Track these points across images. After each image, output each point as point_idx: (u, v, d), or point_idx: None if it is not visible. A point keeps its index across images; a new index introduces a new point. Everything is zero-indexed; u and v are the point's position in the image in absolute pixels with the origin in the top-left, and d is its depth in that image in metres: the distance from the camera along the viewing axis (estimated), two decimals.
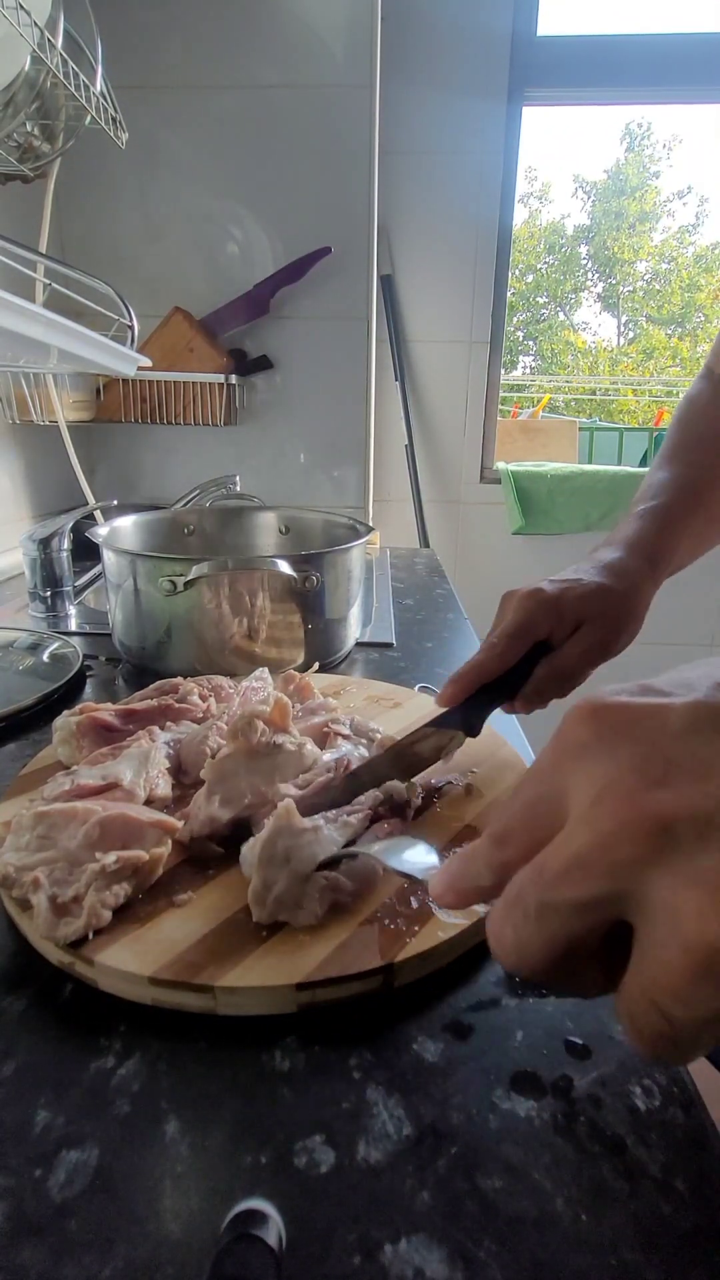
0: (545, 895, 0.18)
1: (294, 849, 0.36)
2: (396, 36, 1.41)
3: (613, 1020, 0.32)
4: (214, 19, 1.23)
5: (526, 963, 0.19)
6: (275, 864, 0.35)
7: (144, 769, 0.44)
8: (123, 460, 1.46)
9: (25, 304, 0.63)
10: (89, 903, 0.34)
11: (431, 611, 0.98)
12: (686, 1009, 0.16)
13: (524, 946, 0.19)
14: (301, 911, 0.35)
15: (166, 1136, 0.27)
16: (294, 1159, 0.26)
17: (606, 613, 0.50)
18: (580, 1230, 0.24)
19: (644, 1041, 0.17)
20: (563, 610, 0.49)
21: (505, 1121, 0.27)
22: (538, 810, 0.20)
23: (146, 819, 0.38)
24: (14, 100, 0.76)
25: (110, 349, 0.87)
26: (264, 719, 0.44)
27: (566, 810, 0.19)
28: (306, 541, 0.90)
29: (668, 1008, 0.16)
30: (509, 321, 1.77)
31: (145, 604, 0.69)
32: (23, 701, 0.61)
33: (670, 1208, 0.24)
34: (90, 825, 0.37)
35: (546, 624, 0.49)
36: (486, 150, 1.56)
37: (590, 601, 0.49)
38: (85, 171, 1.26)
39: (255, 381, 1.42)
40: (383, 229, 1.56)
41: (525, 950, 0.19)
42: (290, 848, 0.36)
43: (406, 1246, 0.23)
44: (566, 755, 0.19)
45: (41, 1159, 0.26)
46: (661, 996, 0.16)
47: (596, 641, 0.49)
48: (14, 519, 1.22)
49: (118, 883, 0.35)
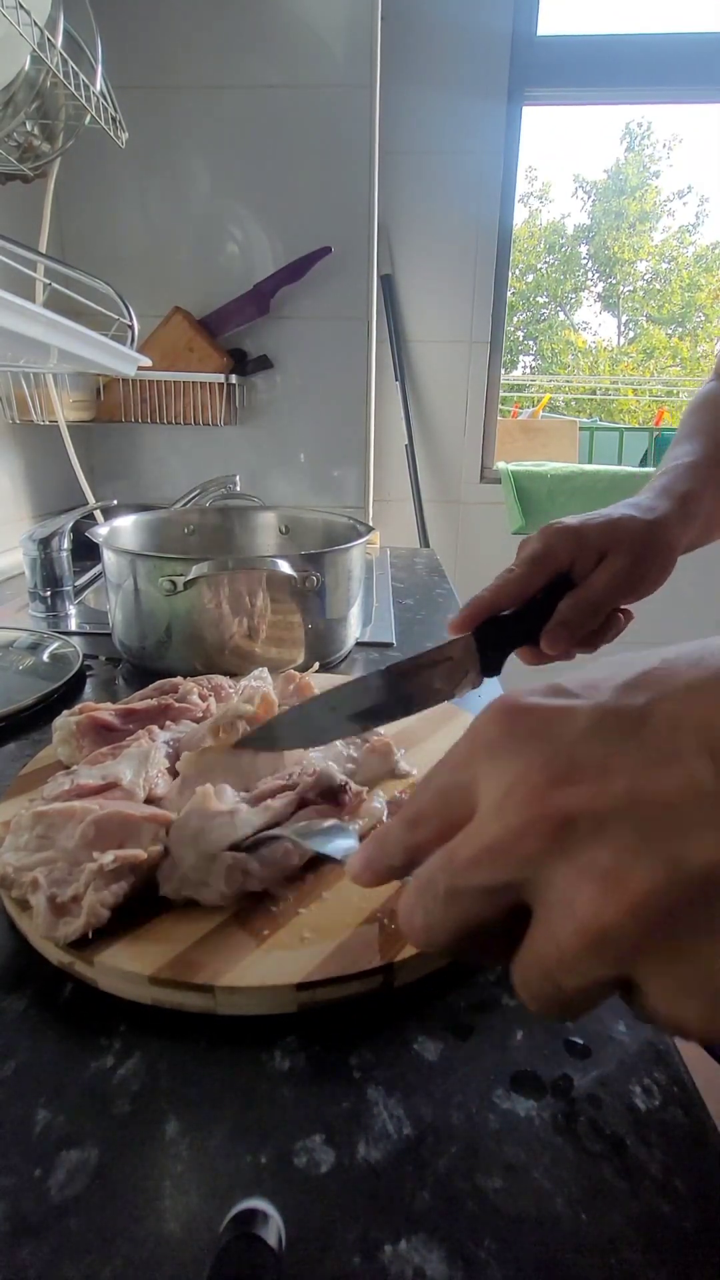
0: (455, 881, 0.20)
1: (204, 829, 0.37)
2: (397, 36, 1.41)
3: (612, 1020, 0.32)
4: (214, 19, 1.23)
5: (435, 941, 0.21)
6: (184, 842, 0.36)
7: (144, 768, 0.44)
8: (123, 460, 1.46)
9: (25, 304, 0.63)
10: (88, 902, 0.34)
11: (431, 611, 0.98)
12: (575, 979, 0.18)
13: (433, 927, 0.21)
14: (207, 889, 0.35)
15: (166, 1136, 0.27)
16: (294, 1159, 0.26)
17: (632, 542, 0.46)
18: (580, 1230, 0.24)
19: (535, 1004, 0.19)
20: (584, 538, 0.46)
21: (505, 1121, 0.27)
22: (450, 799, 0.21)
23: (141, 815, 0.39)
24: (14, 100, 0.76)
25: (110, 349, 0.87)
26: (248, 718, 0.44)
27: (476, 800, 0.20)
28: (306, 541, 0.90)
29: (559, 978, 0.18)
30: (509, 321, 1.77)
31: (145, 604, 0.69)
32: (23, 701, 0.61)
33: (670, 1207, 0.24)
34: (86, 824, 0.37)
35: (568, 553, 0.46)
36: (486, 150, 1.56)
37: (614, 530, 0.47)
38: (85, 171, 1.26)
39: (255, 381, 1.42)
40: (383, 229, 1.56)
41: (434, 930, 0.21)
42: (201, 828, 0.37)
43: (406, 1246, 0.23)
44: (479, 750, 0.20)
45: (41, 1158, 0.26)
46: (554, 969, 0.18)
47: (622, 570, 0.46)
48: (14, 519, 1.22)
49: (116, 881, 0.35)
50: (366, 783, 0.48)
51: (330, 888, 0.38)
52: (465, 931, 0.20)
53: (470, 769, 0.20)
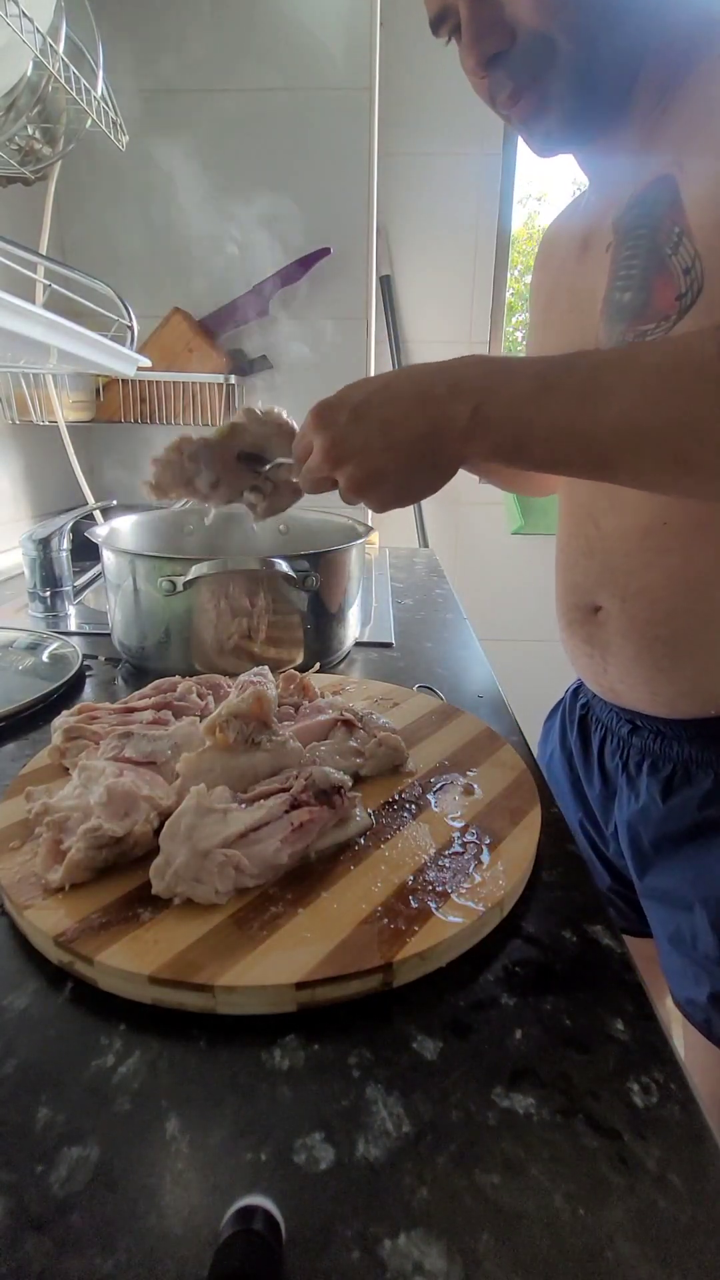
0: (310, 476, 0.48)
1: (197, 827, 0.38)
2: (396, 39, 1.41)
3: (611, 1018, 0.32)
4: (216, 23, 1.24)
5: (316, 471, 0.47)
6: (177, 840, 0.37)
7: (180, 751, 0.46)
8: (123, 460, 1.47)
9: (26, 305, 0.64)
10: (70, 859, 0.36)
11: (431, 611, 0.99)
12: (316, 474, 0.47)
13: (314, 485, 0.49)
14: (201, 886, 0.36)
15: (167, 1133, 0.27)
16: (294, 1156, 0.26)
17: None
18: (578, 1225, 0.24)
19: (307, 487, 0.49)
20: None
21: (504, 1119, 0.27)
22: (304, 445, 0.47)
23: (142, 794, 0.40)
24: (16, 105, 0.76)
25: (110, 349, 0.87)
26: (244, 716, 0.44)
27: (313, 447, 0.46)
28: (306, 541, 0.90)
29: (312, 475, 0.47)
30: (507, 322, 1.77)
31: (145, 604, 0.69)
32: (22, 701, 0.61)
33: (667, 1202, 0.25)
34: (103, 789, 0.40)
35: None
36: (485, 152, 1.57)
37: None
38: (86, 174, 1.26)
39: (255, 381, 1.42)
40: (382, 230, 1.56)
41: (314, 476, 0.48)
42: (193, 825, 0.38)
43: (405, 1241, 0.23)
44: (310, 427, 0.46)
45: (43, 1155, 0.26)
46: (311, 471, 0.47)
47: None
48: (14, 519, 1.22)
49: (98, 849, 0.37)
50: (374, 775, 0.49)
51: (329, 888, 0.38)
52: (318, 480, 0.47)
53: (309, 435, 0.46)
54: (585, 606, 0.62)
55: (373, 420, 0.43)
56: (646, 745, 0.61)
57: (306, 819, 0.40)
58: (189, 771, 0.43)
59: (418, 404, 0.42)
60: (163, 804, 0.40)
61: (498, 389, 0.41)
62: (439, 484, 0.45)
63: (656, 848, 0.61)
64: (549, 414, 0.39)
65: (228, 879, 0.36)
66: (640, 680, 0.59)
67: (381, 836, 0.42)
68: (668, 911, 0.60)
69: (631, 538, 0.55)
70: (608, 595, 0.59)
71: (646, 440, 0.37)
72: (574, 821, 0.71)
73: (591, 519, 0.59)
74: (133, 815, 0.39)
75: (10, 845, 0.41)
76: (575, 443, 0.39)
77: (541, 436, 0.40)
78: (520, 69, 0.48)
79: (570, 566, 0.63)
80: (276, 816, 0.40)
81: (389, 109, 1.43)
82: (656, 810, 0.60)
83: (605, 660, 0.61)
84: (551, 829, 0.45)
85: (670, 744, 0.59)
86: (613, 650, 0.60)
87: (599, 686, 0.65)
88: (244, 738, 0.44)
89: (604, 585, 0.59)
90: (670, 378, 0.37)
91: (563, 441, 0.40)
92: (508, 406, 0.40)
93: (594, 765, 0.68)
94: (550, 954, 0.36)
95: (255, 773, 0.44)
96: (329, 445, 0.44)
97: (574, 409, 0.39)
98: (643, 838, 0.61)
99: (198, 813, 0.38)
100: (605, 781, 0.67)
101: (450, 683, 0.72)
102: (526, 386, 0.40)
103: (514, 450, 0.41)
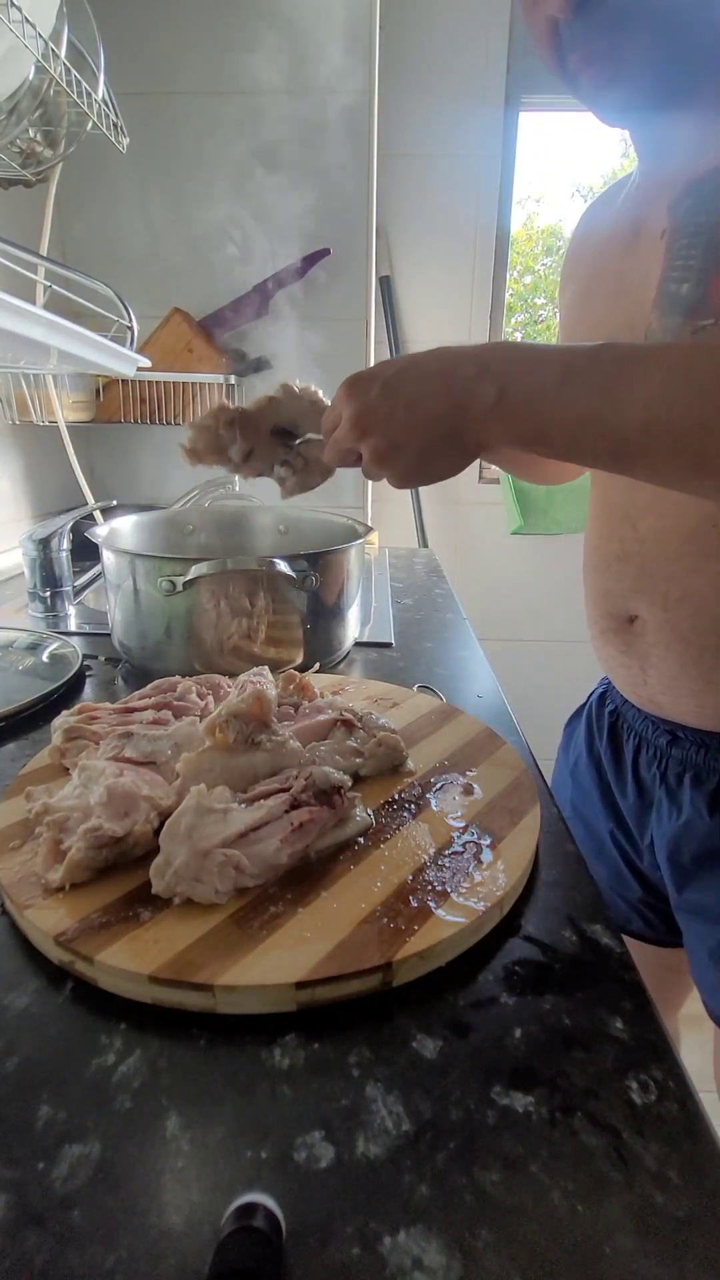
0: (338, 446, 0.49)
1: (197, 826, 0.38)
2: (395, 41, 1.41)
3: (610, 1017, 0.32)
4: (215, 25, 1.24)
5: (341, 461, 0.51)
6: (177, 839, 0.37)
7: (180, 751, 0.46)
8: (123, 460, 1.47)
9: (26, 305, 0.64)
10: (70, 859, 0.37)
11: (430, 611, 0.99)
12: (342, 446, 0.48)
13: (339, 456, 0.50)
14: (201, 886, 0.36)
15: (167, 1132, 0.27)
16: (294, 1154, 0.26)
17: None
18: (576, 1221, 0.24)
19: (331, 459, 0.51)
20: None
21: (503, 1116, 0.28)
22: (333, 416, 0.48)
23: (142, 794, 0.40)
24: (17, 108, 0.76)
25: (110, 350, 0.88)
26: (244, 716, 0.44)
27: (342, 418, 0.47)
28: (305, 542, 0.90)
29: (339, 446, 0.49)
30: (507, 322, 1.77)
31: (145, 604, 0.69)
32: (22, 701, 0.62)
33: (665, 1197, 0.25)
34: (103, 789, 0.40)
35: None
36: (484, 154, 1.57)
37: None
38: (86, 175, 1.26)
39: (255, 382, 1.43)
40: (381, 230, 1.56)
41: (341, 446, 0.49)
42: (193, 825, 0.38)
43: (405, 1237, 0.23)
44: (341, 398, 0.47)
45: (44, 1152, 0.26)
46: (338, 442, 0.48)
47: None
48: (14, 519, 1.22)
49: (98, 848, 0.37)
50: (373, 775, 0.49)
51: (329, 887, 0.38)
52: (342, 455, 0.49)
53: (340, 406, 0.47)
54: (620, 614, 0.59)
55: (401, 394, 0.44)
56: (689, 757, 0.59)
57: (306, 819, 0.40)
58: (189, 771, 0.43)
59: (444, 382, 0.43)
60: (163, 804, 0.41)
61: (523, 375, 0.41)
62: (460, 465, 0.46)
63: (698, 863, 0.58)
64: (572, 403, 0.39)
65: (228, 879, 0.37)
66: (686, 693, 0.56)
67: (381, 836, 0.43)
68: (707, 926, 0.58)
69: (673, 541, 0.52)
70: (646, 603, 0.56)
71: (665, 438, 0.37)
72: (604, 832, 0.69)
73: (628, 520, 0.56)
74: (133, 815, 0.39)
75: (10, 845, 0.41)
76: (596, 433, 0.39)
77: (563, 425, 0.40)
78: (603, 30, 0.45)
79: (602, 571, 0.60)
80: (276, 816, 0.40)
81: (389, 109, 1.44)
82: (702, 824, 0.57)
83: (644, 671, 0.59)
84: (551, 829, 0.46)
85: (717, 757, 0.57)
86: (653, 661, 0.57)
87: (637, 697, 0.62)
88: (244, 738, 0.44)
89: (642, 592, 0.56)
90: (692, 378, 0.37)
91: (584, 431, 0.40)
92: (532, 392, 0.41)
93: (627, 775, 0.66)
94: (550, 953, 0.36)
95: (255, 773, 0.44)
96: (356, 415, 0.45)
97: (596, 400, 0.39)
98: (684, 852, 0.59)
99: (198, 812, 0.38)
100: (641, 793, 0.65)
101: (450, 683, 0.73)
102: (552, 374, 0.40)
103: (535, 436, 0.41)
